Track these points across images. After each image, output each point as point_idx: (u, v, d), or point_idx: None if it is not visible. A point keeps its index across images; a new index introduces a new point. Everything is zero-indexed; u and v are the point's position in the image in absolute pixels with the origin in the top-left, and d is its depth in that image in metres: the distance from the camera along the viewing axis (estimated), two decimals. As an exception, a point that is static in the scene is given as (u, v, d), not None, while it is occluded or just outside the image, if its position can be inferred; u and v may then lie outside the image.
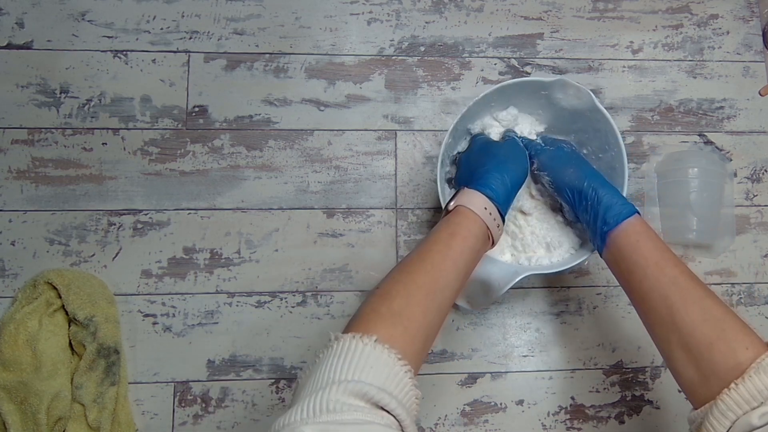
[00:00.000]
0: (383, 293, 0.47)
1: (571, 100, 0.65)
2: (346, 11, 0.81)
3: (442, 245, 0.51)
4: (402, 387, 0.42)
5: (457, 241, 0.52)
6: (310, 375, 0.41)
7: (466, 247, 0.52)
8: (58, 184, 0.74)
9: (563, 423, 0.72)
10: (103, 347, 0.67)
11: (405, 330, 0.45)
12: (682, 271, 0.50)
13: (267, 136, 0.77)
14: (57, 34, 0.77)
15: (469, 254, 0.52)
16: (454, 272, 0.50)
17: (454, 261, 0.51)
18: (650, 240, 0.53)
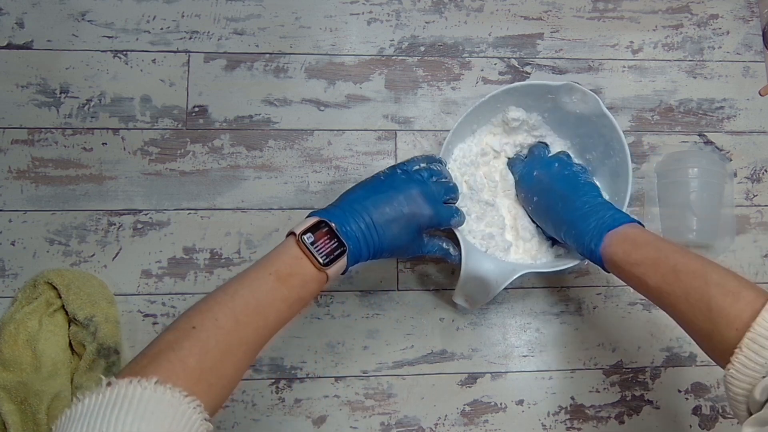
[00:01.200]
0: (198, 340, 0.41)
1: (577, 104, 0.65)
2: (346, 11, 0.81)
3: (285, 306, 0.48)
4: (191, 427, 0.37)
5: (298, 306, 0.49)
6: (73, 427, 0.34)
7: (302, 309, 0.50)
8: (58, 184, 0.74)
9: (563, 423, 0.72)
10: (103, 347, 0.66)
11: (210, 387, 0.40)
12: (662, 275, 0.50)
13: (267, 136, 0.77)
14: (57, 34, 0.77)
15: (298, 312, 0.50)
16: (277, 330, 0.48)
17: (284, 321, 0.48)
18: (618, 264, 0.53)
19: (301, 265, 0.48)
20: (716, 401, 0.74)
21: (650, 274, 0.51)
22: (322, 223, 0.50)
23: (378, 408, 0.71)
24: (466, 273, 0.61)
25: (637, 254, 0.52)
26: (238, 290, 0.46)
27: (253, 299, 0.45)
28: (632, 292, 0.76)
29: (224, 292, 0.45)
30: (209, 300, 0.45)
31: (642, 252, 0.52)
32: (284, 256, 0.48)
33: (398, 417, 0.71)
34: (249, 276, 0.47)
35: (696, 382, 0.74)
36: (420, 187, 0.56)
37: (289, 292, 0.47)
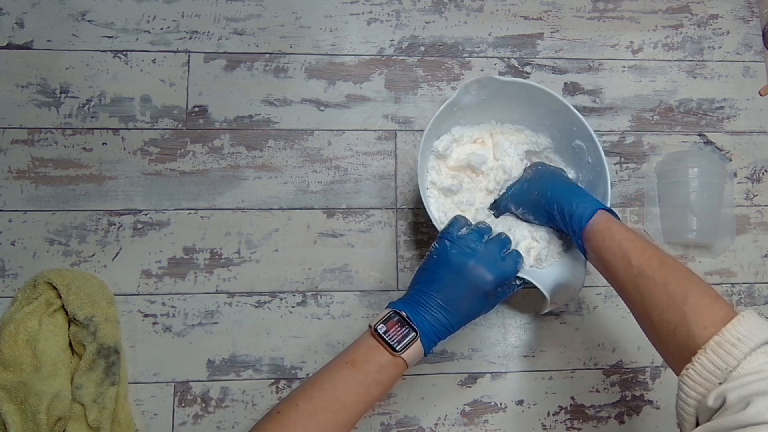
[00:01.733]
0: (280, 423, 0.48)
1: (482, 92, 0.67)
2: (346, 11, 0.81)
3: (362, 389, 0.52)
4: None
5: (378, 389, 0.52)
6: None
7: (383, 393, 0.54)
8: (58, 184, 0.74)
9: (563, 423, 0.72)
10: (103, 347, 0.67)
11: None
12: (648, 258, 0.51)
13: (267, 136, 0.77)
14: (57, 34, 0.77)
15: (381, 396, 0.54)
16: (360, 414, 0.52)
17: (366, 405, 0.52)
18: (614, 235, 0.54)
19: (377, 353, 0.53)
20: (716, 401, 0.74)
21: (638, 253, 0.51)
22: (394, 314, 0.55)
23: (378, 408, 0.71)
24: (548, 291, 0.60)
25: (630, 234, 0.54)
26: (317, 379, 0.52)
27: (330, 386, 0.51)
28: (632, 292, 0.76)
29: (306, 382, 0.52)
30: (294, 390, 0.52)
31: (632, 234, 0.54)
32: (361, 347, 0.54)
33: (398, 417, 0.71)
34: (328, 367, 0.53)
35: (696, 382, 0.74)
36: (473, 257, 0.56)
37: (365, 377, 0.52)
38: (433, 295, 0.55)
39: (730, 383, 0.40)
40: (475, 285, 0.55)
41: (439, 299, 0.55)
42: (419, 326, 0.54)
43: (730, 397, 0.39)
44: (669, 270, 0.49)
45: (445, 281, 0.55)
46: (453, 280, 0.55)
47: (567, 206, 0.58)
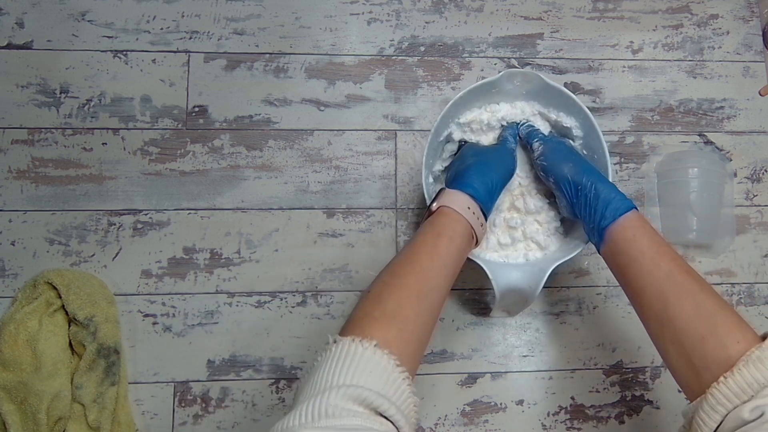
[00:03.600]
0: (375, 296, 0.47)
1: (522, 86, 0.67)
2: (346, 11, 0.81)
3: (428, 246, 0.51)
4: (400, 393, 0.42)
5: (443, 241, 0.52)
6: (309, 378, 0.41)
7: (453, 247, 0.52)
8: (58, 184, 0.74)
9: (563, 423, 0.72)
10: (103, 347, 0.67)
11: (399, 333, 0.45)
12: (678, 265, 0.50)
13: (267, 136, 0.77)
14: (57, 34, 0.77)
15: (456, 254, 0.53)
16: (443, 273, 0.51)
17: (443, 261, 0.51)
18: (647, 235, 0.53)
19: (424, 222, 0.56)
20: (716, 401, 0.74)
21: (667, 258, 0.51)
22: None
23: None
24: (499, 290, 0.61)
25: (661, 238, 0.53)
26: (392, 260, 0.53)
27: (402, 257, 0.51)
28: (632, 292, 0.76)
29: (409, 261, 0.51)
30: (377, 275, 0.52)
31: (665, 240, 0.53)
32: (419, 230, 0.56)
33: (398, 417, 0.71)
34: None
35: (696, 382, 0.74)
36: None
37: (424, 236, 0.53)
38: (450, 172, 0.63)
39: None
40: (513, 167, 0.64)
41: (454, 172, 0.62)
42: (446, 184, 0.60)
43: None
44: (697, 281, 0.49)
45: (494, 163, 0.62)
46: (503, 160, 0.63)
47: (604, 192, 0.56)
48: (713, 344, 0.45)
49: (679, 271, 0.50)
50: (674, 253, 0.51)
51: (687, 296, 0.48)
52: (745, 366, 0.43)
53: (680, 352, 0.47)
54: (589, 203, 0.57)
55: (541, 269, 0.61)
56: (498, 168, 0.61)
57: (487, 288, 0.74)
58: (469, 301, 0.74)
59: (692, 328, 0.47)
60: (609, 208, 0.55)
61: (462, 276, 0.74)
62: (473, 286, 0.75)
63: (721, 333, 0.45)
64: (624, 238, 0.54)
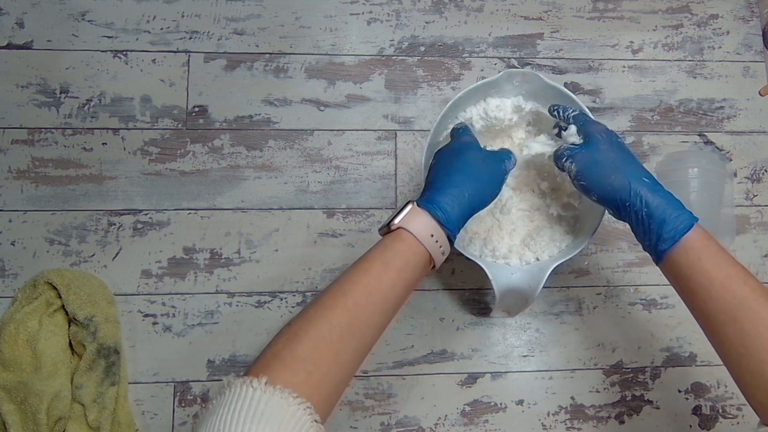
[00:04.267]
0: (291, 335, 0.43)
1: (522, 86, 0.66)
2: (346, 11, 0.81)
3: (371, 277, 0.46)
4: (300, 427, 0.38)
5: (390, 273, 0.47)
6: (201, 426, 0.37)
7: (400, 279, 0.47)
8: (58, 184, 0.74)
9: (563, 423, 0.72)
10: (103, 347, 0.67)
11: (309, 375, 0.41)
12: (752, 290, 0.47)
13: (267, 136, 0.77)
14: (57, 34, 0.77)
15: (402, 287, 0.47)
16: (379, 309, 0.46)
17: (383, 297, 0.46)
18: (713, 256, 0.49)
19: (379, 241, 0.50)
20: (716, 401, 0.74)
21: (739, 281, 0.48)
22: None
23: (378, 408, 0.71)
24: (499, 290, 0.61)
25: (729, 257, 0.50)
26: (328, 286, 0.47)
27: (337, 285, 0.46)
28: (632, 292, 0.76)
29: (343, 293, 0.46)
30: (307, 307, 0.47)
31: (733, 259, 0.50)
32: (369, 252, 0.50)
33: (398, 417, 0.71)
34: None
35: (696, 382, 0.74)
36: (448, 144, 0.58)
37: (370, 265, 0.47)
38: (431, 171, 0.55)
39: None
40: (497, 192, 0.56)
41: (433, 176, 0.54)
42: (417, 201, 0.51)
43: None
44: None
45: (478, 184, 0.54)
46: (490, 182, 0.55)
47: (658, 210, 0.50)
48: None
49: (754, 296, 0.47)
50: (746, 274, 0.48)
51: (764, 324, 0.45)
52: None
53: (757, 383, 0.45)
54: (642, 223, 0.51)
55: (541, 269, 0.61)
56: (482, 189, 0.54)
57: (487, 288, 0.74)
58: (469, 301, 0.74)
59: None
60: (665, 228, 0.49)
61: (462, 276, 0.75)
62: (473, 286, 0.75)
63: None
64: (687, 262, 0.49)
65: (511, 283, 0.62)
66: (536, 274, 0.61)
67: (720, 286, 0.47)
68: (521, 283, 0.62)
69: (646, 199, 0.51)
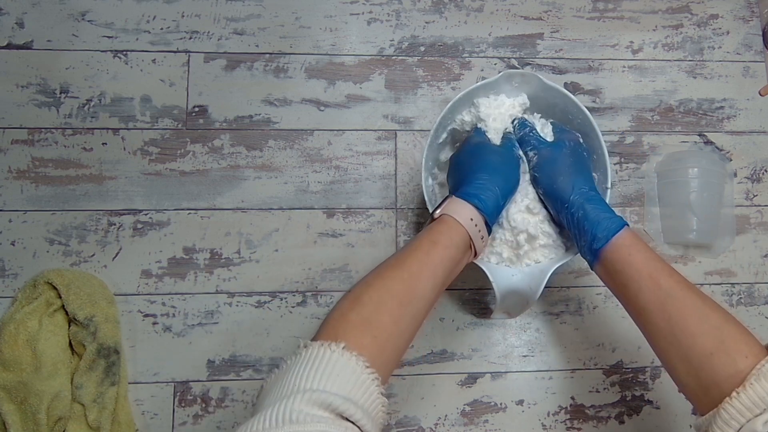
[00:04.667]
0: (354, 298, 0.47)
1: (521, 87, 0.66)
2: (346, 11, 0.81)
3: (421, 253, 0.50)
4: (368, 396, 0.42)
5: (437, 249, 0.51)
6: (276, 383, 0.41)
7: (446, 256, 0.51)
8: (58, 184, 0.74)
9: (563, 423, 0.72)
10: (103, 347, 0.67)
11: (374, 338, 0.44)
12: (677, 281, 0.50)
13: (267, 136, 0.77)
14: (57, 34, 0.77)
15: (449, 264, 0.52)
16: (431, 282, 0.50)
17: (433, 270, 0.50)
18: (641, 252, 0.52)
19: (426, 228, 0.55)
20: (716, 401, 0.74)
21: (665, 274, 0.50)
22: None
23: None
24: (500, 292, 0.60)
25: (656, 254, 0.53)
26: (386, 261, 0.51)
27: (392, 260, 0.51)
28: (632, 292, 0.76)
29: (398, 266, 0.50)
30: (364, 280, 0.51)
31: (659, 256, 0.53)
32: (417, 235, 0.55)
33: (398, 417, 0.71)
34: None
35: (696, 382, 0.74)
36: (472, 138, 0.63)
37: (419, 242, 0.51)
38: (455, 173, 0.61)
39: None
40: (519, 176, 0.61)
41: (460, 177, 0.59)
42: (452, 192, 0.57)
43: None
44: (699, 295, 0.49)
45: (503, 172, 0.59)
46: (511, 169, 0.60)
47: (593, 212, 0.55)
48: (722, 360, 0.45)
49: (679, 287, 0.49)
50: (671, 269, 0.51)
51: (690, 313, 0.48)
52: (756, 380, 0.43)
53: (689, 370, 0.47)
54: (578, 224, 0.56)
55: (542, 271, 0.61)
56: (507, 178, 0.59)
57: (487, 288, 0.74)
58: (469, 301, 0.74)
59: (699, 346, 0.47)
60: (600, 228, 0.54)
61: (462, 276, 0.74)
62: (473, 286, 0.75)
63: (729, 348, 0.45)
64: (619, 258, 0.53)
65: (512, 284, 0.61)
66: (537, 275, 0.61)
67: (648, 278, 0.50)
68: (522, 284, 0.62)
69: (584, 204, 0.56)
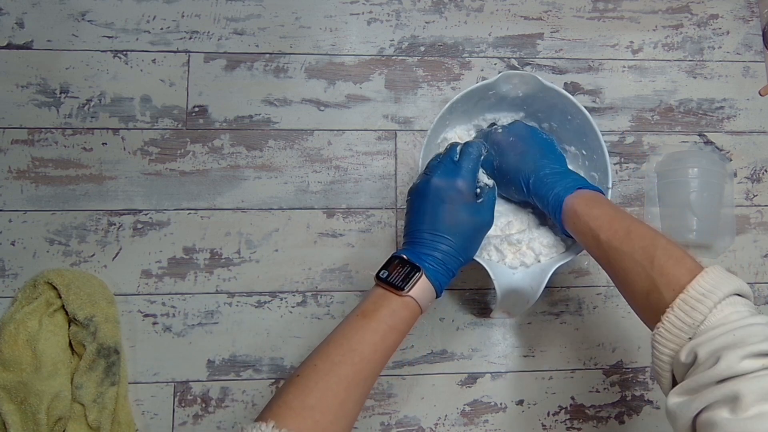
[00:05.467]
0: (300, 384, 0.46)
1: (519, 87, 0.66)
2: (346, 11, 0.81)
3: (378, 337, 0.49)
4: None
5: (395, 335, 0.50)
6: None
7: (401, 339, 0.51)
8: (58, 184, 0.74)
9: (563, 423, 0.72)
10: (103, 347, 0.67)
11: (316, 423, 0.44)
12: (614, 231, 0.52)
13: (267, 136, 0.77)
14: (57, 34, 0.77)
15: (399, 343, 0.52)
16: (382, 363, 0.50)
17: (385, 353, 0.50)
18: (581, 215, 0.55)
19: (385, 298, 0.52)
20: (716, 401, 0.74)
21: (604, 229, 0.52)
22: (394, 258, 0.53)
23: (378, 408, 0.71)
24: (500, 290, 0.61)
25: (597, 210, 0.55)
26: (332, 337, 0.50)
27: (344, 340, 0.49)
28: (632, 292, 0.76)
29: (322, 342, 0.50)
30: (311, 352, 0.50)
31: (601, 209, 0.55)
32: (369, 297, 0.53)
33: (398, 417, 0.71)
34: (341, 324, 0.52)
35: (696, 382, 0.74)
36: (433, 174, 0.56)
37: (378, 324, 0.50)
38: (422, 229, 0.54)
39: (698, 338, 0.41)
40: (449, 197, 0.55)
41: (429, 230, 0.54)
42: (420, 263, 0.52)
43: (700, 352, 0.41)
44: (635, 238, 0.50)
45: (426, 210, 0.55)
46: (430, 205, 0.55)
47: (560, 172, 0.59)
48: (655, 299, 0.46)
49: (615, 237, 0.51)
50: (610, 219, 0.53)
51: (626, 259, 0.50)
52: (671, 312, 0.43)
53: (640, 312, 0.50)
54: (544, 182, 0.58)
55: (543, 270, 0.61)
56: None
57: (487, 288, 0.74)
58: (469, 301, 0.74)
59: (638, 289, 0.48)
60: (566, 181, 0.58)
61: (462, 276, 0.75)
62: (473, 286, 0.75)
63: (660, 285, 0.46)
64: (571, 228, 0.57)
65: (513, 283, 0.61)
66: (538, 275, 0.61)
67: (592, 238, 0.53)
68: (522, 284, 0.62)
69: (552, 164, 0.59)
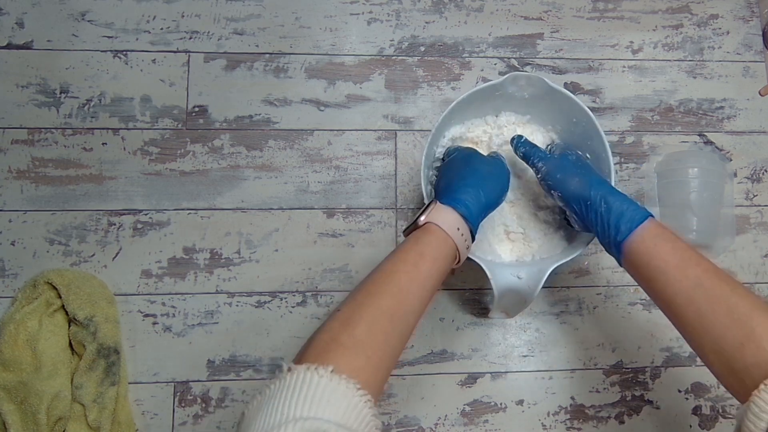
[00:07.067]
0: (344, 319, 0.45)
1: (525, 89, 0.66)
2: (346, 11, 0.81)
3: (410, 266, 0.49)
4: (362, 420, 0.40)
5: (425, 262, 0.50)
6: (260, 410, 0.38)
7: (434, 268, 0.50)
8: (58, 184, 0.74)
9: (563, 423, 0.72)
10: (103, 347, 0.67)
11: (368, 360, 0.43)
12: (705, 270, 0.48)
13: (267, 136, 0.77)
14: (57, 34, 0.77)
15: (436, 277, 0.51)
16: (420, 296, 0.49)
17: (421, 284, 0.49)
18: (668, 242, 0.51)
19: (408, 237, 0.53)
20: (716, 401, 0.74)
21: (692, 263, 0.49)
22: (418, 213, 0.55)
23: (378, 408, 0.71)
24: (498, 290, 0.61)
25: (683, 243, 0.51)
26: (369, 276, 0.50)
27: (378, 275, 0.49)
28: (632, 292, 0.76)
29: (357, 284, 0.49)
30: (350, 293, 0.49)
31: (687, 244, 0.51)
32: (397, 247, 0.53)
33: (398, 417, 0.71)
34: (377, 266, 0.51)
35: (696, 382, 0.74)
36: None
37: (406, 255, 0.50)
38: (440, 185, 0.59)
39: None
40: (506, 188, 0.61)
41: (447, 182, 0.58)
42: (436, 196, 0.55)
43: None
44: (728, 284, 0.47)
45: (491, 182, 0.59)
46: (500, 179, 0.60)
47: (616, 204, 0.54)
48: (752, 351, 0.44)
49: (707, 276, 0.48)
50: (699, 257, 0.50)
51: (719, 303, 0.47)
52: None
53: (721, 361, 0.47)
54: (601, 218, 0.55)
55: (541, 270, 0.61)
56: (494, 186, 0.59)
57: (487, 288, 0.74)
58: (469, 301, 0.74)
59: (729, 336, 0.46)
60: (623, 220, 0.53)
61: (462, 276, 0.75)
62: (473, 286, 0.75)
63: (760, 337, 0.44)
64: (644, 249, 0.52)
65: (510, 283, 0.61)
66: (535, 274, 0.61)
67: (675, 269, 0.49)
68: (520, 283, 0.62)
69: (605, 198, 0.55)
